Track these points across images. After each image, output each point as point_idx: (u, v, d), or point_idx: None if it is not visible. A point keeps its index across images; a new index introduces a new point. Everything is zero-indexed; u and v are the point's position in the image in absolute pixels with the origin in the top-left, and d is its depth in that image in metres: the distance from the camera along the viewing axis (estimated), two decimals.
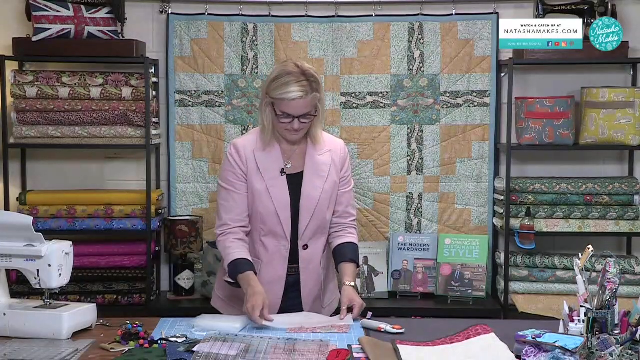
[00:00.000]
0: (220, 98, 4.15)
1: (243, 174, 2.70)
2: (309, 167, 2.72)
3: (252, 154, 2.70)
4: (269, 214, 2.68)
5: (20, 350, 2.24)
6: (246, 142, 2.74)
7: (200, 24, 4.11)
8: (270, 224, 2.69)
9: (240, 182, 2.70)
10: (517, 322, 2.67)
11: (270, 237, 2.71)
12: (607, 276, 2.12)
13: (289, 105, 2.59)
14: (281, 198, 2.68)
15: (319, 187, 2.71)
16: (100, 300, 3.92)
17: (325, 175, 2.72)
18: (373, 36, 4.12)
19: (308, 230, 2.71)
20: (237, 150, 2.71)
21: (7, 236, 2.42)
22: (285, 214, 2.68)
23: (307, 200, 2.69)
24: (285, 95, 2.58)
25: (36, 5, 3.84)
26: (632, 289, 3.84)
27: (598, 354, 2.03)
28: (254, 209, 2.70)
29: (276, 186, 2.68)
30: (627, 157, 4.14)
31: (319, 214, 2.71)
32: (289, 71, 2.61)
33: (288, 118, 2.61)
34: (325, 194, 2.72)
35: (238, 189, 2.71)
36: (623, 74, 4.12)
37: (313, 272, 2.77)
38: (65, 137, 3.92)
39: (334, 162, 2.76)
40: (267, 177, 2.68)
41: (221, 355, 2.15)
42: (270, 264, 2.72)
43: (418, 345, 2.23)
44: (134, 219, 3.96)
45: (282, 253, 2.71)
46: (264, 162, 2.69)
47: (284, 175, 2.69)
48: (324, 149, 2.75)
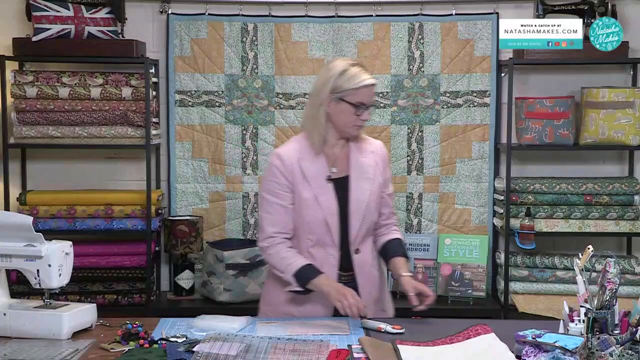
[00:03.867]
0: (220, 98, 4.15)
1: (288, 184, 2.65)
2: (355, 171, 2.68)
3: (297, 162, 2.65)
4: (317, 222, 2.63)
5: (20, 350, 2.24)
6: (289, 151, 2.69)
7: (200, 24, 4.11)
8: (319, 233, 2.64)
9: (285, 192, 2.65)
10: (517, 322, 2.67)
11: (318, 247, 2.66)
12: (607, 276, 2.12)
13: (365, 93, 2.59)
14: (329, 205, 2.63)
15: (366, 190, 2.68)
16: (100, 300, 3.92)
17: (372, 178, 2.70)
18: (373, 36, 4.12)
19: (359, 234, 2.67)
20: (281, 160, 2.65)
21: (7, 236, 2.42)
22: (334, 220, 2.64)
23: (356, 204, 2.65)
24: (363, 83, 2.58)
25: (36, 5, 3.84)
26: (632, 289, 3.84)
27: (598, 354, 2.03)
28: (302, 219, 2.65)
29: (323, 194, 2.64)
30: (627, 157, 4.14)
31: (368, 217, 2.68)
32: (351, 63, 2.62)
33: (361, 108, 2.60)
34: (373, 196, 2.69)
35: (282, 200, 2.65)
36: (623, 74, 4.12)
37: (369, 274, 2.73)
38: (65, 137, 3.92)
39: (377, 164, 2.73)
40: (315, 185, 2.64)
41: (221, 355, 2.15)
42: None
43: (418, 345, 2.23)
44: (134, 219, 3.96)
45: (330, 261, 2.66)
46: (310, 170, 2.65)
47: (330, 182, 2.65)
48: (367, 151, 2.73)
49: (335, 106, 2.62)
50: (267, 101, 4.15)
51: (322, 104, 2.63)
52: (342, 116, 2.63)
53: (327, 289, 2.56)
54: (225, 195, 4.19)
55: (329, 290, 2.55)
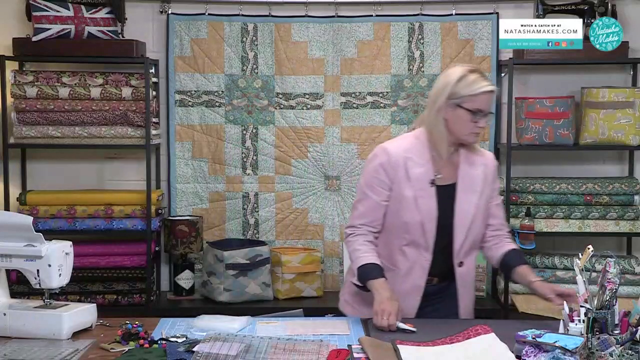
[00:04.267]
0: (220, 98, 4.15)
1: (388, 182, 2.63)
2: (462, 181, 2.64)
3: (403, 161, 2.61)
4: (414, 224, 2.60)
5: (20, 350, 2.24)
6: (397, 148, 2.65)
7: (200, 24, 4.11)
8: (415, 235, 2.61)
9: (382, 189, 2.63)
10: (517, 322, 2.67)
11: (412, 247, 2.63)
12: (607, 276, 2.12)
13: (483, 99, 2.55)
14: (428, 209, 2.60)
15: (473, 203, 2.63)
16: (100, 300, 3.91)
17: (480, 190, 2.65)
18: (373, 36, 4.12)
19: (464, 248, 2.65)
20: (388, 156, 2.63)
21: (7, 236, 2.42)
22: (431, 225, 2.60)
23: (461, 215, 2.62)
24: (482, 89, 2.53)
25: (36, 5, 3.84)
26: (632, 289, 3.84)
27: (598, 354, 2.03)
28: (399, 217, 2.62)
29: (424, 197, 2.60)
30: (627, 157, 4.14)
31: (474, 230, 2.65)
32: (469, 69, 2.58)
33: (478, 115, 2.55)
34: (479, 210, 2.65)
35: (378, 195, 2.64)
36: (623, 74, 4.12)
37: (470, 287, 2.73)
38: (65, 137, 3.92)
39: (487, 177, 2.68)
40: (417, 186, 2.60)
41: (221, 355, 2.15)
42: (409, 274, 2.65)
43: (418, 345, 2.23)
44: (134, 219, 3.96)
45: (422, 264, 2.63)
46: (414, 171, 2.61)
47: (434, 187, 2.61)
48: (477, 162, 2.68)
49: (452, 113, 2.57)
50: (267, 101, 4.15)
51: (440, 110, 2.58)
52: (458, 123, 2.58)
53: (376, 296, 2.54)
54: (225, 195, 4.19)
55: (376, 297, 2.53)
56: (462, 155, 2.67)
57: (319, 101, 4.14)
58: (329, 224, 4.19)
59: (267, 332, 2.43)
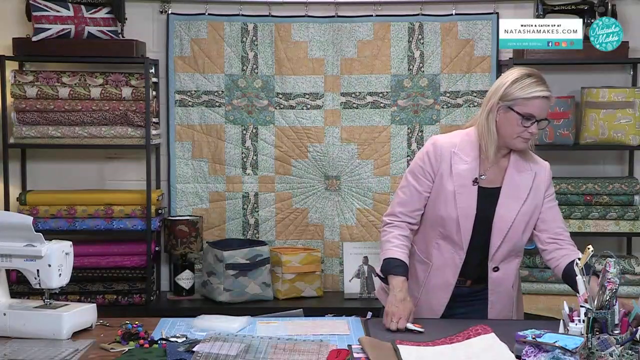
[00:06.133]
0: (220, 98, 4.15)
1: (432, 172, 2.61)
2: (507, 186, 2.59)
3: (449, 154, 2.59)
4: (450, 219, 2.58)
5: (20, 350, 2.24)
6: (447, 141, 2.63)
7: (200, 24, 4.11)
8: (450, 230, 2.59)
9: (426, 179, 2.62)
10: (517, 322, 2.67)
11: (448, 242, 2.61)
12: (607, 276, 2.12)
13: (535, 105, 2.49)
14: (466, 207, 2.57)
15: (514, 209, 2.58)
16: (100, 300, 3.91)
17: (524, 198, 2.58)
18: (373, 36, 4.12)
19: (500, 253, 2.60)
20: (435, 148, 2.61)
21: (7, 236, 2.42)
22: (467, 224, 2.57)
23: (500, 220, 2.58)
24: (535, 93, 2.48)
25: (36, 5, 3.84)
26: (632, 289, 3.84)
27: (598, 354, 2.03)
28: (436, 210, 2.61)
29: (464, 194, 2.57)
30: (627, 157, 4.14)
31: (512, 236, 2.59)
32: (529, 73, 2.53)
33: (529, 121, 2.49)
34: (521, 217, 2.58)
35: (420, 185, 2.63)
36: (623, 74, 4.12)
37: (503, 294, 2.66)
38: (65, 137, 3.92)
39: (537, 185, 2.61)
40: (458, 182, 2.58)
41: (221, 355, 2.15)
42: (441, 269, 2.63)
43: (418, 345, 2.23)
44: (134, 219, 3.96)
45: (455, 261, 2.61)
46: (458, 167, 2.58)
47: (476, 186, 2.58)
48: (527, 169, 2.62)
49: (503, 115, 2.54)
50: (267, 101, 4.15)
51: (492, 110, 2.55)
52: (508, 126, 2.53)
53: (390, 295, 2.53)
54: (225, 195, 4.19)
55: (390, 297, 2.53)
56: (512, 160, 2.62)
57: (319, 101, 4.14)
58: (329, 224, 4.19)
59: (267, 332, 2.43)
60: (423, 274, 2.66)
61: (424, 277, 2.66)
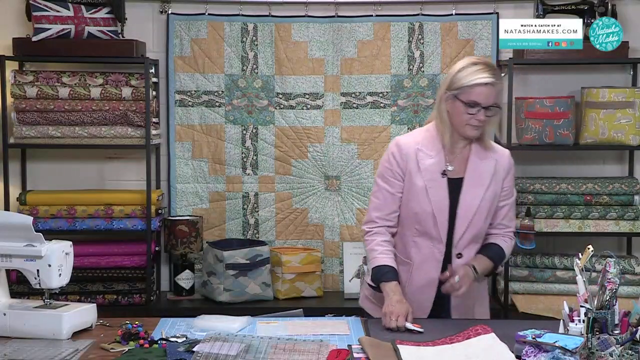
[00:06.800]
0: (220, 98, 4.15)
1: (401, 173, 2.66)
2: (470, 174, 2.65)
3: (414, 152, 2.65)
4: (425, 214, 2.62)
5: (20, 350, 2.24)
6: (409, 140, 2.70)
7: (200, 24, 4.11)
8: (426, 226, 2.63)
9: (396, 180, 2.67)
10: (517, 322, 2.67)
11: (424, 238, 2.65)
12: (607, 276, 2.12)
13: (478, 92, 2.54)
14: (439, 199, 2.62)
15: (478, 196, 2.63)
16: (100, 300, 3.91)
17: (487, 184, 2.64)
18: (373, 36, 4.12)
19: (463, 239, 2.65)
20: (399, 148, 2.67)
21: (7, 236, 2.42)
22: (443, 216, 2.62)
23: (465, 208, 2.62)
24: (477, 81, 2.53)
25: (36, 5, 3.84)
26: (632, 289, 3.84)
27: (598, 354, 2.03)
28: (410, 209, 2.65)
29: (435, 187, 2.62)
30: (627, 157, 4.14)
31: (476, 223, 2.64)
32: (474, 62, 2.59)
33: (474, 108, 2.55)
34: (484, 203, 2.64)
35: (392, 187, 2.68)
36: (623, 74, 4.12)
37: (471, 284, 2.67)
38: (65, 137, 3.92)
39: (497, 172, 2.67)
40: (427, 177, 2.63)
41: (221, 355, 2.15)
42: (422, 267, 2.67)
43: (418, 345, 2.23)
44: (134, 219, 3.96)
45: (436, 256, 2.65)
46: (425, 162, 2.64)
47: (445, 178, 2.63)
48: (489, 157, 2.67)
49: (451, 104, 2.60)
50: (267, 101, 4.15)
51: (442, 100, 2.62)
52: (456, 114, 2.59)
53: (386, 299, 2.56)
54: (225, 195, 4.19)
55: (386, 300, 2.56)
56: (473, 150, 2.66)
57: (319, 101, 4.14)
58: (329, 224, 4.19)
59: (267, 332, 2.43)
60: (406, 275, 2.68)
61: (407, 278, 2.67)
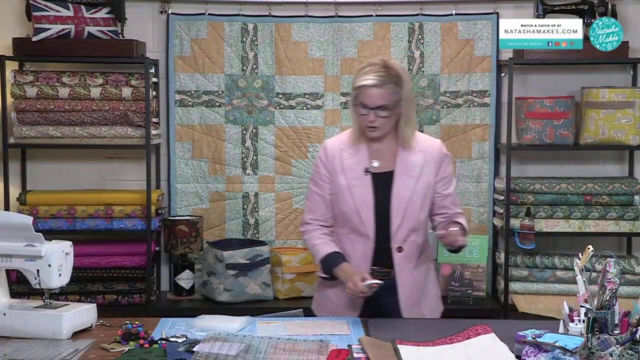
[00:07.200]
0: (220, 98, 4.15)
1: (327, 175, 2.72)
2: (400, 167, 2.67)
3: (339, 152, 2.71)
4: (351, 212, 2.66)
5: (20, 350, 2.24)
6: (335, 141, 2.77)
7: (200, 24, 4.11)
8: (354, 223, 2.67)
9: (324, 182, 2.72)
10: (517, 322, 2.67)
11: (355, 235, 2.69)
12: (607, 276, 2.12)
13: (365, 94, 2.59)
14: (362, 197, 2.65)
15: (409, 187, 2.66)
16: (100, 300, 3.91)
17: (417, 175, 2.67)
18: (373, 36, 4.12)
19: (401, 232, 2.66)
20: (325, 151, 2.74)
21: (7, 236, 2.42)
22: (367, 213, 2.65)
23: (397, 200, 2.65)
24: (361, 83, 2.59)
25: (36, 5, 3.84)
26: (632, 289, 3.85)
27: (598, 354, 2.03)
28: (339, 208, 2.70)
29: (358, 185, 2.66)
30: (627, 157, 4.14)
31: (411, 214, 2.66)
32: (372, 62, 2.63)
33: (365, 109, 2.61)
34: (417, 195, 2.66)
35: (321, 190, 2.74)
36: (623, 74, 4.12)
37: (410, 275, 2.70)
38: (65, 137, 3.92)
39: (428, 163, 2.69)
40: (350, 175, 2.67)
41: (221, 355, 2.15)
42: (355, 263, 2.69)
43: (418, 345, 2.23)
44: (134, 219, 3.96)
45: (366, 252, 2.68)
46: (348, 161, 2.69)
47: (368, 175, 2.67)
48: (417, 149, 2.70)
49: (353, 105, 2.67)
50: (267, 101, 4.15)
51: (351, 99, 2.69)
52: (355, 115, 2.67)
53: (344, 277, 2.61)
54: (225, 195, 4.19)
55: (344, 278, 2.61)
56: (400, 143, 2.70)
57: (319, 101, 4.14)
58: None
59: (267, 332, 2.43)
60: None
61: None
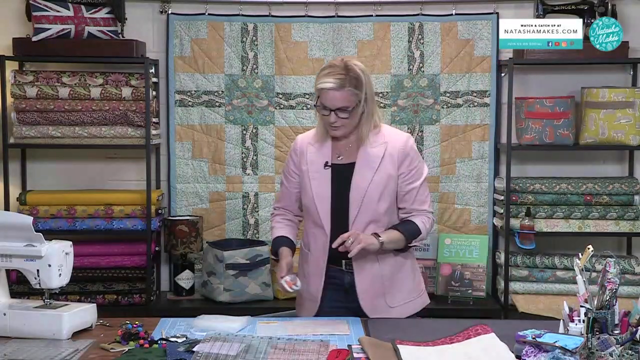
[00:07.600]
0: (220, 98, 4.15)
1: (294, 169, 2.78)
2: (360, 159, 2.69)
3: (306, 147, 2.76)
4: (310, 204, 2.72)
5: (20, 350, 2.24)
6: (305, 136, 2.82)
7: (200, 24, 4.11)
8: (313, 215, 2.72)
9: (291, 177, 2.80)
10: (517, 322, 2.67)
11: (317, 228, 2.72)
12: (607, 276, 2.12)
13: (324, 96, 2.61)
14: (320, 191, 2.69)
15: (367, 178, 2.66)
16: (100, 300, 3.92)
17: (376, 167, 2.67)
18: (373, 36, 4.12)
19: (358, 222, 2.66)
20: (294, 145, 2.81)
21: (7, 236, 2.42)
22: (324, 205, 2.68)
23: (355, 191, 2.67)
24: (320, 85, 2.61)
25: (36, 5, 3.84)
26: (632, 289, 3.85)
27: (598, 354, 2.03)
28: (304, 202, 2.77)
29: (317, 179, 2.71)
30: (627, 157, 4.14)
31: (368, 205, 2.65)
32: (332, 64, 2.64)
33: (325, 110, 2.63)
34: (374, 185, 2.66)
35: (288, 183, 2.82)
36: (623, 74, 4.13)
37: (369, 270, 2.69)
38: (65, 137, 3.92)
39: (390, 155, 2.68)
40: (312, 169, 2.72)
41: (221, 355, 2.15)
42: (315, 256, 2.74)
43: (418, 345, 2.23)
44: (134, 219, 3.96)
45: (324, 245, 2.70)
46: (312, 155, 2.74)
47: (328, 169, 2.70)
48: (378, 142, 2.70)
49: (315, 105, 2.70)
50: (267, 101, 4.15)
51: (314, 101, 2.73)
52: (319, 115, 2.70)
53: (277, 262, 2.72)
54: (225, 195, 4.19)
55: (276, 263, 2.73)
56: (364, 137, 2.71)
57: None
58: None
59: (267, 332, 2.43)
60: (303, 263, 2.81)
61: (305, 267, 2.79)
